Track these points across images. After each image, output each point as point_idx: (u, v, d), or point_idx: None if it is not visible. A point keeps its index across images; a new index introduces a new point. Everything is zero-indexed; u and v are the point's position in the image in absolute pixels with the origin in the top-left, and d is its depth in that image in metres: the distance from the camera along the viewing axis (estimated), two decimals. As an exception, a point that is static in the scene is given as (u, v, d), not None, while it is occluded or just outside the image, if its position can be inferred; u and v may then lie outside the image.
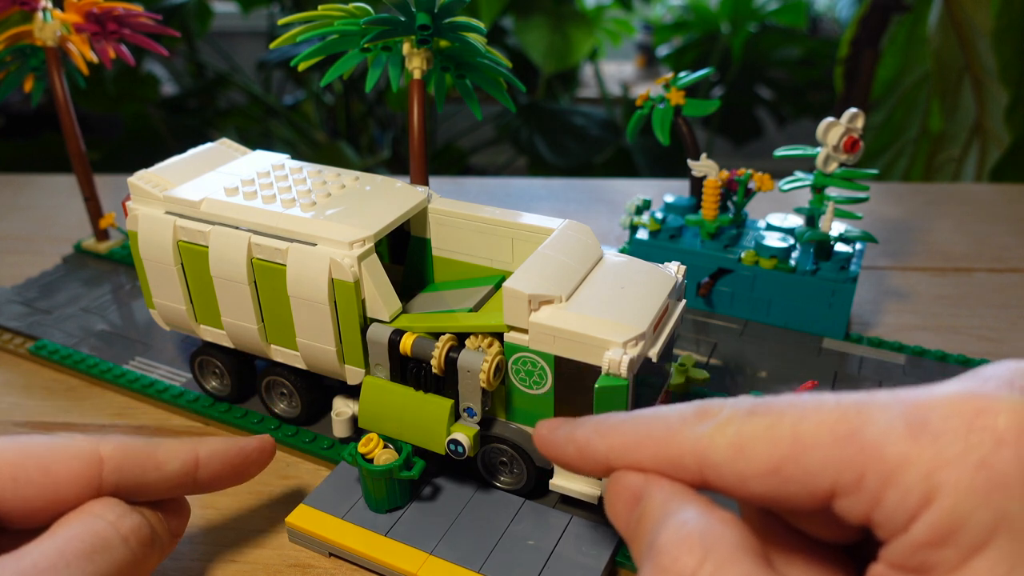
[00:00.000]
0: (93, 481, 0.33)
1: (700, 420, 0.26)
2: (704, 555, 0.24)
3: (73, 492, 0.33)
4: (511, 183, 0.94)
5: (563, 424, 0.30)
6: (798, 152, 0.57)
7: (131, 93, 1.61)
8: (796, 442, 0.23)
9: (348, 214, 0.43)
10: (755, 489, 0.24)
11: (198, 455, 0.36)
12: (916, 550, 0.22)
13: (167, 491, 0.36)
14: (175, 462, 0.35)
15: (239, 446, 0.38)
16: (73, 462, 0.33)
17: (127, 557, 0.32)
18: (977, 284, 0.69)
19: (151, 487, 0.35)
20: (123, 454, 0.34)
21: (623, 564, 0.40)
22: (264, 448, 0.39)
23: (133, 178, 0.47)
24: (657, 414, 0.27)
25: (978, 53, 1.16)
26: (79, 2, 0.60)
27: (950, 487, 0.21)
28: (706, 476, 0.25)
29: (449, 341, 0.40)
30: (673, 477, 0.26)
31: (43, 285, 0.65)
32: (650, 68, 2.46)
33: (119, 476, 0.34)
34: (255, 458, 0.39)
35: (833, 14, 2.19)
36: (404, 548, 0.39)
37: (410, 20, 0.51)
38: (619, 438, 0.27)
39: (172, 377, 0.54)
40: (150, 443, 0.35)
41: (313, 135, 1.78)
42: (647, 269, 0.41)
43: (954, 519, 0.21)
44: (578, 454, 0.29)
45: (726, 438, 0.25)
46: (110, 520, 0.32)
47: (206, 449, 0.37)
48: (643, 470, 0.27)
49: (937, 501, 0.21)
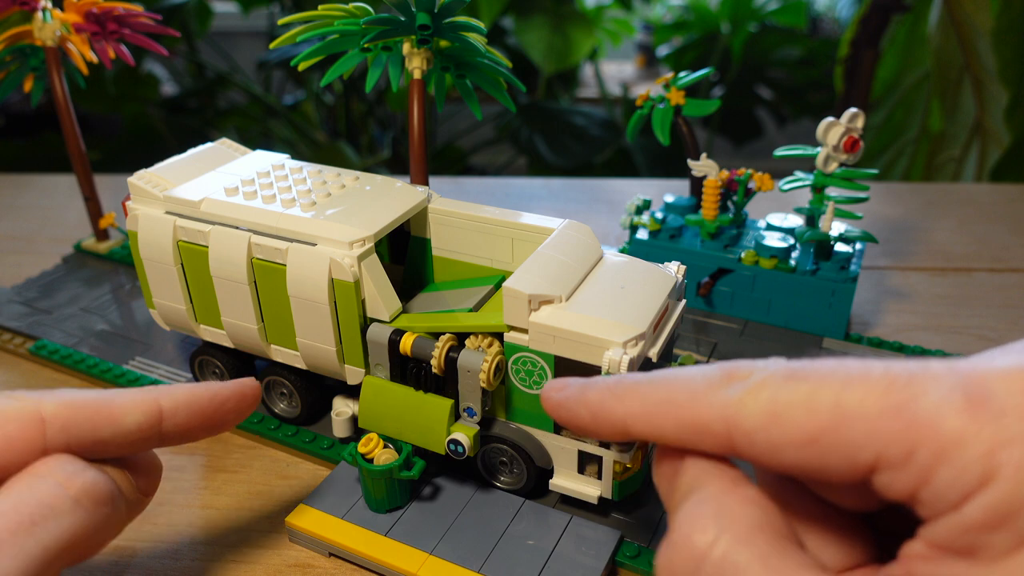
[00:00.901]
0: (36, 444, 0.29)
1: (728, 383, 0.24)
2: (717, 534, 0.23)
3: (12, 458, 0.28)
4: (511, 183, 0.94)
5: (571, 384, 0.28)
6: (798, 152, 0.57)
7: (131, 93, 1.62)
8: (839, 412, 0.22)
9: (348, 214, 0.43)
10: (788, 459, 0.23)
11: (161, 406, 0.32)
12: (966, 531, 0.21)
13: (128, 447, 0.31)
14: (133, 414, 0.31)
15: (211, 392, 0.34)
16: (8, 426, 0.29)
17: (82, 522, 0.28)
18: (977, 284, 0.69)
19: (108, 444, 0.31)
20: (70, 410, 0.30)
21: (623, 564, 0.40)
22: (244, 394, 0.35)
23: (133, 178, 0.47)
24: (680, 375, 0.25)
25: (978, 53, 1.16)
26: (79, 2, 0.60)
27: (1012, 468, 0.20)
28: (736, 443, 0.24)
29: (449, 341, 0.40)
30: (699, 443, 0.25)
31: (43, 285, 0.65)
32: (650, 68, 2.46)
33: (67, 435, 0.29)
34: (232, 406, 0.34)
35: (833, 14, 2.20)
36: (404, 548, 0.39)
37: (410, 20, 0.51)
38: (638, 401, 0.26)
39: (172, 377, 0.54)
40: (102, 395, 0.31)
41: (313, 135, 1.78)
42: (647, 269, 0.41)
43: (1013, 503, 0.20)
44: (591, 417, 0.27)
45: (759, 404, 0.23)
46: (58, 480, 0.28)
47: (170, 399, 0.32)
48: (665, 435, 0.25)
49: (996, 482, 0.20)
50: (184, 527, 0.43)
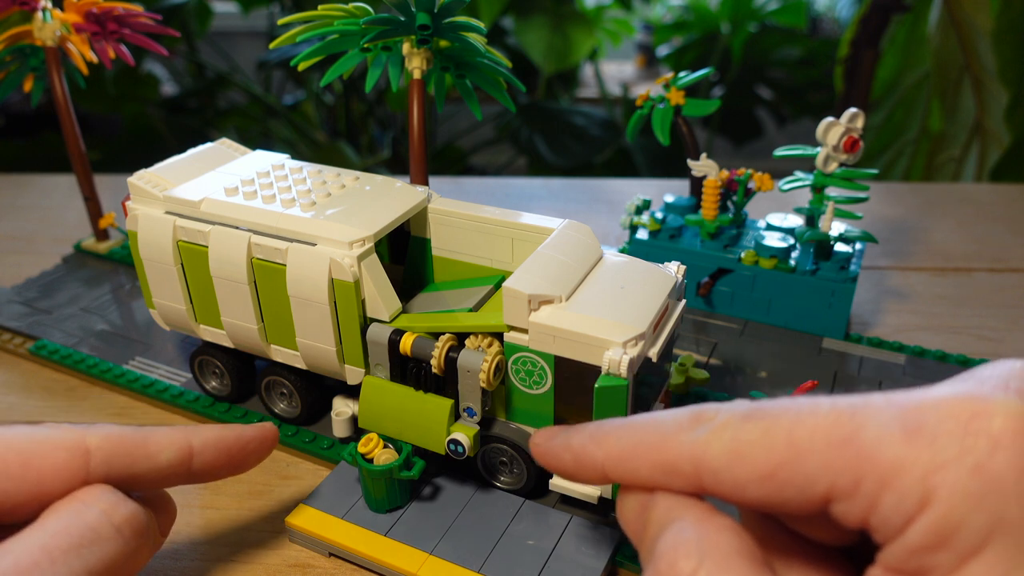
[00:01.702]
0: (80, 473, 0.31)
1: (695, 425, 0.26)
2: (700, 560, 0.24)
3: (58, 485, 0.30)
4: (511, 183, 0.94)
5: (559, 432, 0.30)
6: (798, 152, 0.57)
7: (131, 93, 1.61)
8: (791, 447, 0.23)
9: (348, 214, 0.43)
10: (752, 494, 0.24)
11: (192, 444, 0.34)
12: (912, 554, 0.22)
13: (160, 482, 0.34)
14: (167, 452, 0.33)
15: (236, 434, 0.36)
16: (57, 453, 0.31)
17: (121, 549, 0.30)
18: (977, 284, 0.69)
19: (142, 478, 0.33)
20: (112, 444, 0.32)
21: (623, 564, 0.40)
22: (265, 437, 0.37)
23: (133, 178, 0.47)
24: (652, 420, 0.27)
25: (978, 53, 1.16)
26: (79, 2, 0.60)
27: (946, 491, 0.21)
28: (703, 481, 0.25)
29: (449, 341, 0.40)
30: (670, 483, 0.26)
31: (43, 285, 0.65)
32: (650, 68, 2.46)
33: (108, 468, 0.32)
34: (254, 448, 0.37)
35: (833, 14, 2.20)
36: (404, 548, 0.39)
37: (410, 20, 0.51)
38: (615, 445, 0.27)
39: (172, 377, 0.54)
40: (141, 432, 0.33)
41: (313, 135, 1.78)
42: (647, 269, 0.41)
43: (950, 523, 0.21)
44: (574, 462, 0.29)
45: (722, 443, 0.25)
46: (103, 508, 0.30)
47: (200, 438, 0.35)
48: (640, 477, 0.27)
49: (933, 505, 0.21)
50: (184, 527, 0.43)
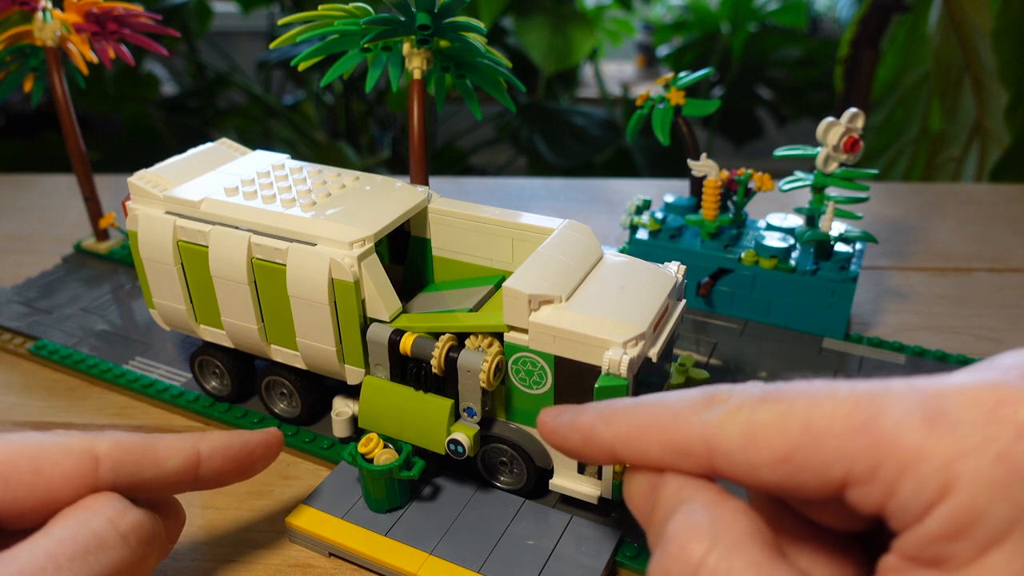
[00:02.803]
0: (88, 480, 0.31)
1: (708, 406, 0.25)
2: (711, 543, 0.24)
3: (67, 492, 0.31)
4: (511, 183, 0.94)
5: (566, 411, 0.30)
6: (798, 152, 0.57)
7: (131, 93, 1.61)
8: (808, 431, 0.23)
9: (348, 214, 0.43)
10: (766, 477, 0.24)
11: (199, 451, 0.35)
12: (930, 542, 0.21)
13: (167, 489, 0.34)
14: (175, 459, 0.34)
15: (243, 441, 0.37)
16: (67, 460, 0.31)
17: (126, 557, 0.30)
18: (977, 284, 0.69)
19: (150, 485, 0.33)
20: (120, 451, 0.32)
21: (623, 564, 0.40)
22: (271, 442, 0.38)
23: (133, 178, 0.47)
24: (663, 400, 0.27)
25: (978, 53, 1.16)
26: (79, 2, 0.60)
27: (967, 479, 0.21)
28: (715, 463, 0.25)
29: (449, 341, 0.40)
30: (680, 464, 0.26)
31: (43, 285, 0.65)
32: (650, 68, 2.46)
33: (116, 475, 0.32)
34: (260, 453, 0.37)
35: (833, 14, 2.20)
36: (404, 548, 0.39)
37: (410, 20, 0.51)
38: (624, 425, 0.27)
39: (172, 377, 0.54)
40: (148, 439, 0.34)
41: (313, 135, 1.78)
42: (647, 269, 0.41)
43: (971, 512, 0.21)
44: (582, 442, 0.28)
45: (736, 425, 0.24)
46: (109, 516, 0.31)
47: (207, 445, 0.35)
48: (650, 458, 0.26)
49: (954, 493, 0.21)
50: (184, 527, 0.42)
